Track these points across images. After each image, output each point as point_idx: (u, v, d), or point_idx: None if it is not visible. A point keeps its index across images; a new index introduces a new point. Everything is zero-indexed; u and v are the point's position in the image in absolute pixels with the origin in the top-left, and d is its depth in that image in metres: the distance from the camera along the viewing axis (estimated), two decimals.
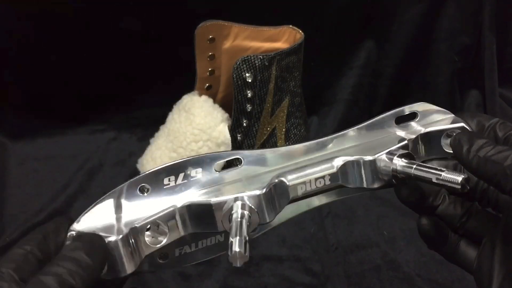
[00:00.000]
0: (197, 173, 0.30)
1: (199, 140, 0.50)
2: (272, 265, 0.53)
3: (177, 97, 0.55)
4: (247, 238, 0.25)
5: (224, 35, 0.52)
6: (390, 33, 0.66)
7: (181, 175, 0.30)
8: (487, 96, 0.69)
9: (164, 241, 0.28)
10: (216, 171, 0.31)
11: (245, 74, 0.48)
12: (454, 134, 0.31)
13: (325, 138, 0.33)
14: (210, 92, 0.55)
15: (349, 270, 0.53)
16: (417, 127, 0.34)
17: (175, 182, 0.30)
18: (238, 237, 0.25)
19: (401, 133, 0.33)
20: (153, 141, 0.55)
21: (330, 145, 0.33)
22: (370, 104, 0.71)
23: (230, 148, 0.51)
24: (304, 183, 0.30)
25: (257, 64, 0.48)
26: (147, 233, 0.28)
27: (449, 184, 0.27)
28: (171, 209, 0.28)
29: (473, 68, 0.68)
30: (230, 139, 0.50)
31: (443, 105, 0.71)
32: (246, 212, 0.27)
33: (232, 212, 0.27)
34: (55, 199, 0.60)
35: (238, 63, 0.47)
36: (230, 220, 0.27)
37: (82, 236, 0.27)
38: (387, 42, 0.66)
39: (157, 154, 0.52)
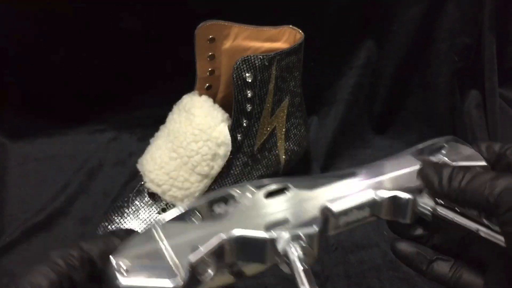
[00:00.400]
0: (245, 200, 0.30)
1: (199, 140, 0.50)
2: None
3: (177, 97, 0.55)
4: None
5: (224, 35, 0.52)
6: (390, 33, 0.66)
7: (231, 202, 0.30)
8: (487, 96, 0.69)
9: (212, 273, 0.27)
10: (265, 198, 0.31)
11: (245, 74, 0.48)
12: (419, 167, 0.32)
13: (356, 168, 0.34)
14: (210, 92, 0.55)
15: (349, 270, 0.53)
16: (447, 162, 0.34)
17: (225, 210, 0.30)
18: None
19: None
20: (153, 141, 0.55)
21: (362, 174, 0.33)
22: (370, 104, 0.71)
23: (230, 148, 0.51)
24: (347, 213, 0.31)
25: (257, 64, 0.48)
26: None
27: (493, 240, 0.28)
28: (221, 239, 0.27)
29: (473, 68, 0.68)
30: (230, 139, 0.50)
31: (443, 105, 0.72)
32: (305, 257, 0.27)
33: (291, 254, 0.27)
34: (55, 199, 0.60)
35: (238, 63, 0.47)
36: (289, 261, 0.27)
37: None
38: (387, 42, 0.66)
39: (157, 154, 0.52)
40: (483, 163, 0.32)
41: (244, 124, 0.51)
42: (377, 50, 0.68)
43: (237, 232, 0.28)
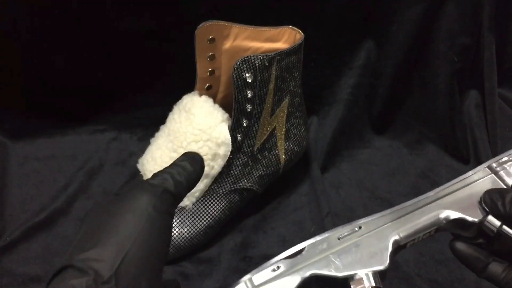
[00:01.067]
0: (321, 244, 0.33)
1: (199, 140, 0.50)
2: None
3: (177, 97, 0.55)
4: None
5: (224, 35, 0.52)
6: (390, 33, 0.66)
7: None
8: (487, 97, 0.69)
9: None
10: (339, 239, 0.33)
11: (245, 74, 0.48)
12: (484, 193, 0.34)
13: (433, 191, 0.35)
14: (210, 92, 0.55)
15: None
16: None
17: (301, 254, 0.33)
18: None
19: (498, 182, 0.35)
20: (154, 141, 0.55)
21: (434, 196, 0.35)
22: (370, 104, 0.71)
23: (230, 148, 0.51)
24: (414, 240, 0.34)
25: (257, 64, 0.48)
26: None
27: None
28: (300, 279, 0.31)
29: (472, 69, 0.68)
30: (230, 139, 0.50)
31: (443, 105, 0.72)
32: None
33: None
34: (55, 199, 0.60)
35: (238, 63, 0.47)
36: None
37: (186, 153, 0.34)
38: (387, 42, 0.67)
39: (157, 154, 0.52)
40: None
41: (244, 124, 0.51)
42: (377, 50, 0.68)
43: (313, 272, 0.31)
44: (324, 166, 0.66)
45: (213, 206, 0.53)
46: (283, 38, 0.55)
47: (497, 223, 0.32)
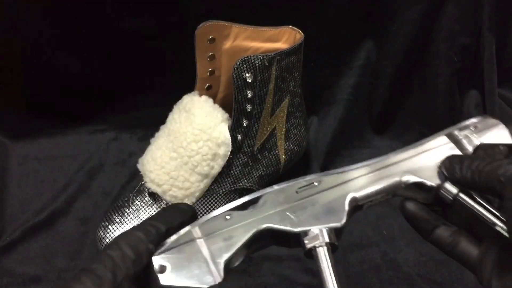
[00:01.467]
0: (277, 196, 0.32)
1: (199, 140, 0.50)
2: (272, 264, 0.53)
3: (177, 97, 0.55)
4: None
5: (224, 35, 0.52)
6: (390, 33, 0.66)
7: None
8: (487, 97, 0.69)
9: (241, 259, 0.31)
10: (297, 192, 0.32)
11: (245, 74, 0.48)
12: (444, 158, 0.33)
13: (391, 153, 0.35)
14: (210, 92, 0.55)
15: (349, 270, 0.53)
16: (475, 141, 0.35)
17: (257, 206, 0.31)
18: None
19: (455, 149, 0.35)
20: (154, 141, 0.55)
21: (394, 159, 0.35)
22: (370, 104, 0.71)
23: (230, 148, 0.51)
24: (371, 201, 0.33)
25: (257, 64, 0.48)
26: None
27: (504, 234, 0.29)
28: (252, 231, 0.30)
29: (472, 69, 0.68)
30: (230, 139, 0.50)
31: (443, 105, 0.72)
32: (330, 256, 0.29)
33: (318, 253, 0.29)
34: (55, 199, 0.60)
35: (238, 63, 0.47)
36: (315, 255, 0.29)
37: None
38: (387, 42, 0.67)
39: (157, 154, 0.52)
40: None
41: (244, 124, 0.51)
42: (377, 50, 0.68)
43: (267, 225, 0.30)
44: (324, 166, 0.66)
45: (213, 206, 0.53)
46: (283, 38, 0.55)
47: (454, 190, 0.32)
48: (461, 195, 0.31)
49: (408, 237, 0.56)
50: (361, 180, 0.33)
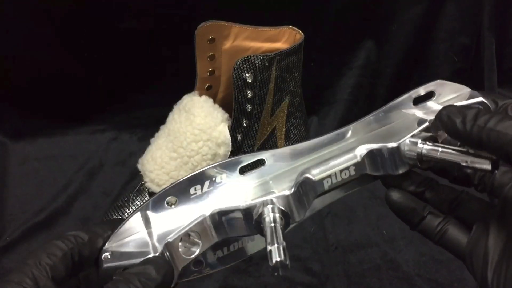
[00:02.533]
0: (222, 179, 0.30)
1: (199, 140, 0.50)
2: None
3: (177, 97, 0.55)
4: (285, 244, 0.25)
5: (224, 35, 0.52)
6: (390, 33, 0.66)
7: (207, 183, 0.30)
8: None
9: (198, 251, 0.28)
10: (241, 174, 0.31)
11: (245, 74, 0.48)
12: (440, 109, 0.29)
13: (344, 127, 0.33)
14: (210, 92, 0.55)
15: (349, 269, 0.53)
16: (435, 106, 0.33)
17: (202, 191, 0.30)
18: (276, 245, 0.25)
19: (420, 114, 0.33)
20: (154, 141, 0.55)
21: (350, 134, 0.33)
22: (370, 104, 0.71)
23: (230, 148, 0.51)
24: (329, 176, 0.30)
25: (257, 64, 0.48)
26: (180, 244, 0.28)
27: (478, 167, 0.27)
28: (201, 218, 0.28)
29: (472, 68, 0.68)
30: (230, 139, 0.50)
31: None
32: (277, 215, 0.27)
33: (264, 216, 0.27)
34: (55, 199, 0.60)
35: (238, 63, 0.47)
36: (262, 224, 0.27)
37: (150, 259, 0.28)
38: (386, 42, 0.67)
39: (157, 154, 0.52)
40: (480, 99, 0.31)
41: (244, 124, 0.51)
42: (377, 50, 0.68)
43: (214, 208, 0.28)
44: None
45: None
46: (283, 38, 0.55)
47: (416, 148, 0.29)
48: (424, 151, 0.29)
49: (408, 237, 0.56)
50: (312, 159, 0.31)
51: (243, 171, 0.31)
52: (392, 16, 0.64)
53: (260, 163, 0.31)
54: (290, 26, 0.54)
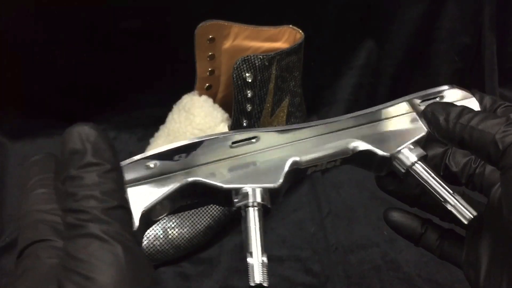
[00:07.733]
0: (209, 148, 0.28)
1: None
2: (272, 265, 0.53)
3: (177, 97, 0.55)
4: (265, 257, 0.26)
5: (224, 35, 0.52)
6: (390, 33, 0.66)
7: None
8: None
9: (165, 213, 0.27)
10: (231, 147, 0.29)
11: (245, 74, 0.48)
12: (426, 106, 0.29)
13: (345, 116, 0.32)
14: (210, 92, 0.55)
15: (349, 270, 0.53)
16: None
17: (186, 157, 0.28)
18: (257, 261, 0.25)
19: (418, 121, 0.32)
20: (153, 141, 0.55)
21: (349, 124, 0.32)
22: (370, 104, 0.70)
23: None
24: (315, 166, 0.30)
25: (257, 64, 0.48)
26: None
27: (457, 215, 0.27)
28: (178, 185, 0.27)
29: (473, 68, 0.68)
30: None
31: None
32: (261, 213, 0.26)
33: (248, 213, 0.26)
34: None
35: (238, 63, 0.47)
36: (243, 220, 0.26)
37: None
38: (387, 42, 0.66)
39: None
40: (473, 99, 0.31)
41: (244, 124, 0.51)
42: (377, 50, 0.68)
43: (195, 179, 0.27)
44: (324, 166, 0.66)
45: (213, 207, 0.53)
46: (283, 38, 0.55)
47: (408, 162, 0.29)
48: (417, 165, 0.29)
49: None
50: (305, 143, 0.30)
51: (233, 144, 0.29)
52: (392, 16, 0.64)
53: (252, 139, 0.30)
54: (290, 26, 0.54)
